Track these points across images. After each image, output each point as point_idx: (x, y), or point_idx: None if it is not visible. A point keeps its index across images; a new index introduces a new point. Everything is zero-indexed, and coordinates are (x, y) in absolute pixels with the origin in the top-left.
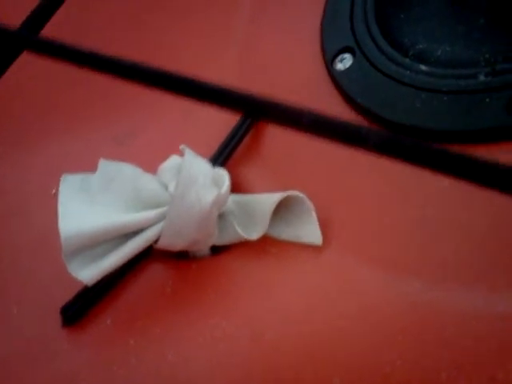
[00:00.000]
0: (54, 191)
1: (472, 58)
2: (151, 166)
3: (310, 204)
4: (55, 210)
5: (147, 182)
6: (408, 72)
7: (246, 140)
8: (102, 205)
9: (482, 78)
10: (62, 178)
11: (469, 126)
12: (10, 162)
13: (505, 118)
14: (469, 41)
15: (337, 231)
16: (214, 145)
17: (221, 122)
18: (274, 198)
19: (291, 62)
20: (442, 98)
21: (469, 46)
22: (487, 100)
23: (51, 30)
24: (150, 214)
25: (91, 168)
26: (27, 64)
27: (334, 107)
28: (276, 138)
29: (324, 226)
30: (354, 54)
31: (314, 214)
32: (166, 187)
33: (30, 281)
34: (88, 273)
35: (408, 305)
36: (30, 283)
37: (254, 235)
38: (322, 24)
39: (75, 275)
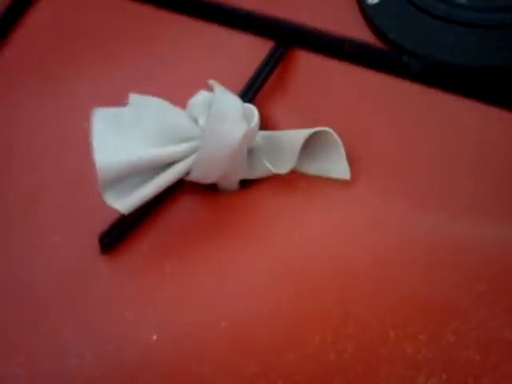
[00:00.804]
0: (85, 125)
1: None
2: (181, 100)
3: (338, 139)
4: (88, 144)
5: (177, 116)
6: (444, 5)
7: (276, 74)
8: (134, 137)
9: None
10: (93, 112)
11: (504, 60)
12: (43, 94)
13: None
14: None
15: (365, 166)
16: (243, 79)
17: (249, 55)
18: (303, 133)
19: None
20: (477, 33)
21: None
22: None
23: None
24: (182, 147)
25: (120, 102)
26: None
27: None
28: (305, 73)
29: (352, 161)
30: None
31: (342, 149)
32: (195, 120)
33: (68, 212)
34: (123, 202)
35: (436, 238)
36: (69, 214)
37: (283, 169)
38: None
39: (111, 205)
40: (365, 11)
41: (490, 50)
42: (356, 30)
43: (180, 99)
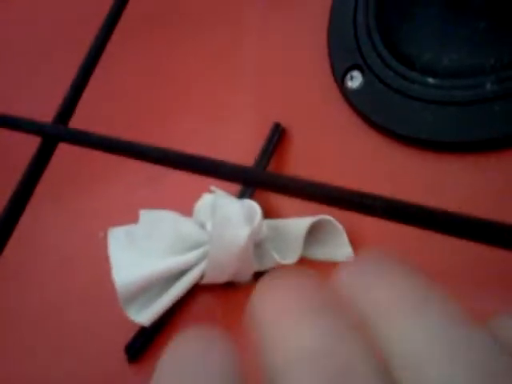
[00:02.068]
0: (101, 234)
1: (477, 65)
2: (184, 204)
3: (339, 226)
4: (105, 254)
5: (186, 226)
6: (417, 86)
7: (270, 167)
8: (147, 251)
9: (488, 86)
10: (109, 232)
11: (481, 135)
12: (60, 206)
13: None
14: (473, 46)
15: (368, 247)
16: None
17: (247, 150)
18: (306, 222)
19: (304, 82)
20: (451, 110)
21: (473, 51)
22: (496, 108)
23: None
24: (193, 254)
25: (130, 208)
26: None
27: (351, 126)
28: (299, 163)
29: (355, 243)
30: (362, 71)
31: (344, 235)
32: (203, 226)
33: (94, 325)
34: (144, 315)
35: None
36: (95, 327)
37: (291, 260)
38: (328, 41)
39: (133, 319)
40: (346, 95)
41: (465, 125)
42: (341, 114)
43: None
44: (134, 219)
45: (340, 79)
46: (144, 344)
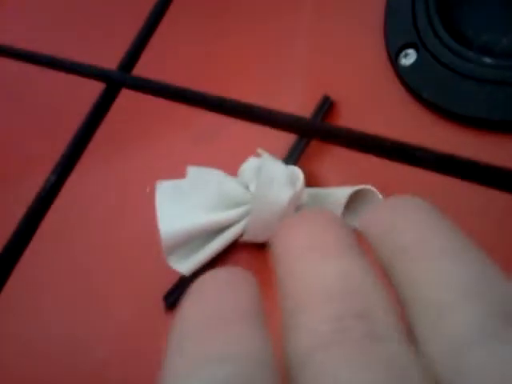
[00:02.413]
0: (148, 190)
1: None
2: (230, 164)
3: (380, 196)
4: (151, 208)
5: (231, 184)
6: (472, 65)
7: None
8: (193, 206)
9: None
10: (157, 185)
11: None
12: (111, 165)
13: None
14: None
15: None
16: (289, 141)
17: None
18: (347, 191)
19: (357, 59)
20: (507, 90)
21: None
22: None
23: (140, 70)
24: (236, 212)
25: (176, 167)
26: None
27: (401, 103)
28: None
29: None
30: (417, 49)
31: None
32: (246, 187)
33: (135, 271)
34: (185, 265)
35: None
36: (136, 274)
37: None
38: (384, 20)
39: (175, 268)
40: (399, 72)
41: None
42: (391, 90)
43: (231, 162)
44: (182, 176)
45: (394, 56)
46: (182, 293)
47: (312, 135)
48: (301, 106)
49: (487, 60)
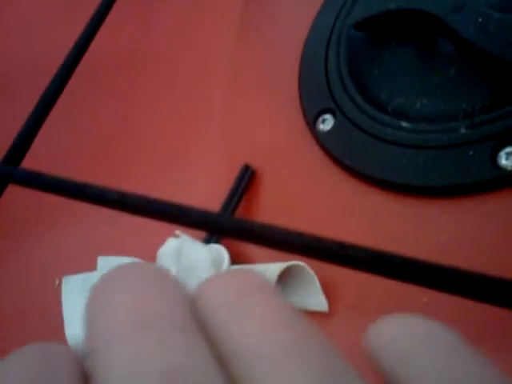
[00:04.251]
0: (56, 283)
1: (450, 110)
2: (146, 247)
3: (311, 272)
4: (60, 303)
5: None
6: (390, 129)
7: (239, 210)
8: None
9: (462, 130)
10: (63, 280)
11: (456, 180)
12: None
13: (490, 169)
14: (445, 92)
15: (342, 295)
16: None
17: (216, 193)
18: (276, 267)
19: (274, 126)
20: (426, 154)
21: (445, 97)
22: (471, 153)
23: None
24: None
25: (88, 252)
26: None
27: (323, 169)
28: (269, 207)
29: (329, 290)
30: (334, 114)
31: (317, 282)
32: None
33: None
34: None
35: None
36: None
37: None
38: (299, 85)
39: None
40: (318, 138)
41: (440, 169)
42: (312, 156)
43: (147, 243)
44: (93, 264)
45: (312, 122)
46: None
47: (224, 234)
48: (221, 177)
49: (404, 124)
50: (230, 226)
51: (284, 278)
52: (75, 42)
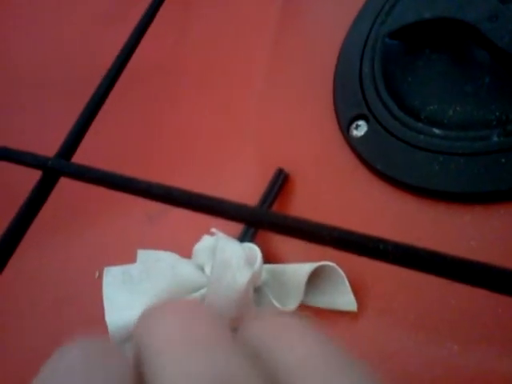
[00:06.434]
0: (97, 275)
1: (483, 118)
2: (183, 243)
3: (341, 272)
4: (100, 294)
5: (184, 268)
6: (422, 136)
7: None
8: (144, 293)
9: (495, 138)
10: (105, 271)
11: (488, 186)
12: (52, 250)
13: None
14: (478, 100)
15: (371, 295)
16: None
17: (250, 196)
18: (306, 268)
19: (308, 131)
20: (458, 161)
21: (478, 105)
22: (503, 160)
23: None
24: (191, 297)
25: (128, 247)
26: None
27: (355, 173)
28: (301, 210)
29: (358, 290)
30: (367, 120)
31: (346, 282)
32: (202, 268)
33: None
34: None
35: (446, 368)
36: None
37: (291, 306)
38: (334, 92)
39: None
40: (351, 143)
41: (472, 176)
42: (345, 161)
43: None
44: (131, 258)
45: (345, 128)
46: None
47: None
48: (255, 181)
49: (436, 131)
50: (266, 218)
51: (315, 277)
52: (121, 48)
